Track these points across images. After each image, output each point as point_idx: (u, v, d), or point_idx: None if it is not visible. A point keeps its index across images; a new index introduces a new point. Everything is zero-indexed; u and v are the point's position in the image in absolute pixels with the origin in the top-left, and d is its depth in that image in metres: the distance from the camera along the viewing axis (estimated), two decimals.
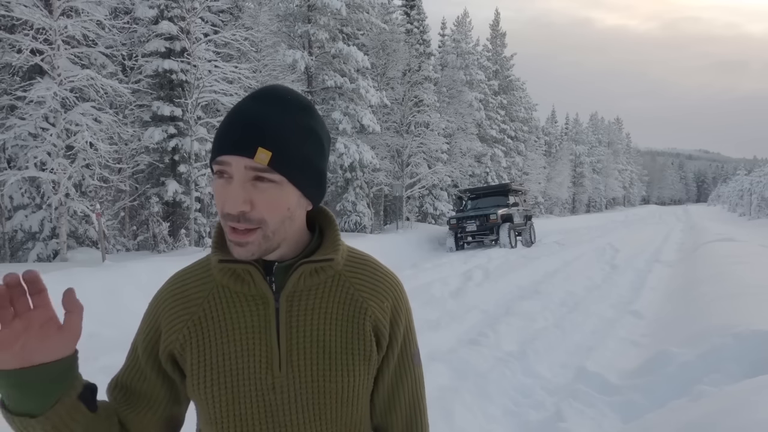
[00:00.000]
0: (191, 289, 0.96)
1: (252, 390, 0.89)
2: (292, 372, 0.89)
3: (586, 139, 65.69)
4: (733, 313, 5.25)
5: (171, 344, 0.94)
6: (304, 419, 0.90)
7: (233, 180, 0.84)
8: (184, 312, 0.94)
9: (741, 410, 2.73)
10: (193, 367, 0.92)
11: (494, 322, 6.68)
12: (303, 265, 0.92)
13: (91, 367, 5.90)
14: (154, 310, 0.98)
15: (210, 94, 14.42)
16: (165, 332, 0.95)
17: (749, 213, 36.03)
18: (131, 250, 14.81)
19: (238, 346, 0.90)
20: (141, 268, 8.72)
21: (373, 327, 0.95)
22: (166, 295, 0.97)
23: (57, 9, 11.15)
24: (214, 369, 0.90)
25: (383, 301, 0.97)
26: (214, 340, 0.91)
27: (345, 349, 0.92)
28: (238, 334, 0.91)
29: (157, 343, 0.96)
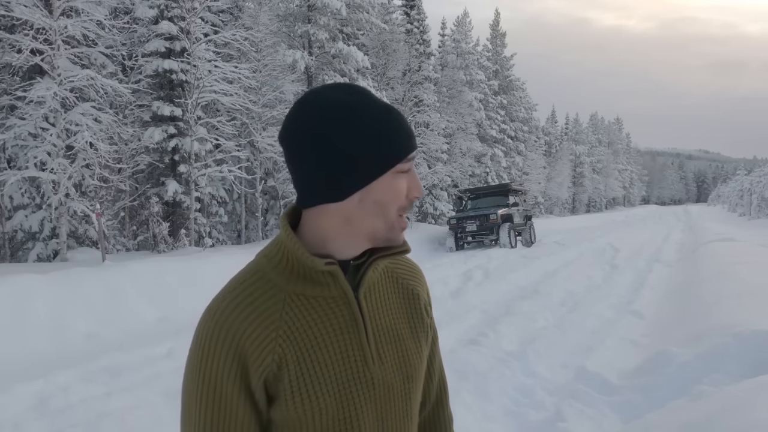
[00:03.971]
0: (262, 305, 0.88)
1: (356, 390, 0.90)
2: (383, 364, 0.93)
3: (586, 139, 65.69)
4: (733, 313, 5.25)
5: (266, 369, 0.86)
6: (397, 407, 0.95)
7: (412, 171, 0.92)
8: (268, 330, 0.87)
9: (741, 410, 2.73)
10: (293, 384, 0.87)
11: (494, 322, 6.69)
12: (378, 259, 0.95)
13: (92, 367, 5.90)
14: (229, 337, 0.86)
15: (210, 94, 14.42)
16: (255, 358, 0.86)
17: (749, 213, 36.03)
18: (131, 250, 14.81)
19: (333, 349, 0.89)
20: (141, 268, 8.72)
21: (424, 308, 1.04)
22: (239, 317, 0.87)
23: (57, 9, 11.15)
24: (318, 379, 0.88)
25: (423, 285, 1.07)
26: (308, 349, 0.88)
27: (412, 335, 0.99)
28: (329, 337, 0.90)
29: (247, 374, 0.86)
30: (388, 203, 0.89)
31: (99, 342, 6.61)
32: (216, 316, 0.88)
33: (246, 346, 0.86)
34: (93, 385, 4.82)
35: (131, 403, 4.30)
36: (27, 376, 5.00)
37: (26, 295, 6.84)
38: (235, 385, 0.86)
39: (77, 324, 6.87)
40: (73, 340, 6.56)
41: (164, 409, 4.11)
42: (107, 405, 4.30)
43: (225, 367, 0.86)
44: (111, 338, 6.74)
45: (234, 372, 0.86)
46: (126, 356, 5.67)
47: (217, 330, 0.87)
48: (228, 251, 12.56)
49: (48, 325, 6.64)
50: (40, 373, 5.06)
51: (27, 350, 6.10)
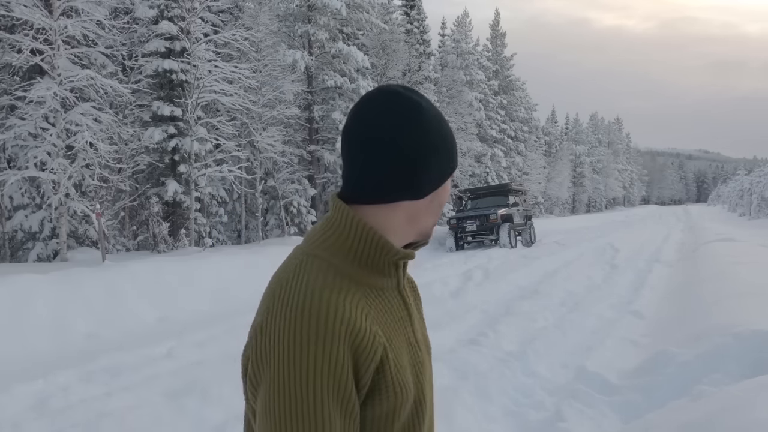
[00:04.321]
0: (354, 297, 0.87)
1: (421, 374, 0.96)
2: (420, 348, 0.99)
3: (586, 139, 65.70)
4: (733, 313, 5.25)
5: (375, 363, 0.85)
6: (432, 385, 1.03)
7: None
8: (367, 322, 0.86)
9: (741, 410, 2.73)
10: (393, 374, 0.87)
11: (494, 322, 6.69)
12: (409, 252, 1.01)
13: (92, 367, 5.90)
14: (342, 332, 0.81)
15: (210, 94, 14.41)
16: (368, 353, 0.84)
17: (749, 213, 36.03)
18: (131, 250, 14.80)
19: (403, 338, 0.95)
20: (141, 268, 8.72)
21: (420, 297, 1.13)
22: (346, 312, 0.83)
23: (57, 9, 11.15)
24: (404, 368, 0.91)
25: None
26: (393, 340, 0.91)
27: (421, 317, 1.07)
28: (397, 327, 0.94)
29: (357, 370, 0.83)
30: (443, 204, 0.98)
31: (99, 342, 6.61)
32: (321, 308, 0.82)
33: (359, 340, 0.82)
34: (93, 385, 4.82)
35: (131, 403, 4.30)
36: (27, 376, 5.00)
37: (26, 295, 6.84)
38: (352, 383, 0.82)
39: (77, 324, 6.87)
40: (73, 340, 6.56)
41: (164, 409, 4.12)
42: (107, 405, 4.29)
43: (345, 363, 0.81)
44: (111, 338, 6.74)
45: (349, 366, 0.81)
46: (126, 356, 5.67)
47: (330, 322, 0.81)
48: (228, 251, 12.56)
49: (48, 325, 6.64)
50: (40, 373, 5.06)
51: (27, 350, 6.10)
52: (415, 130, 0.90)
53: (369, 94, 0.93)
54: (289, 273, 0.88)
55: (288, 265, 0.91)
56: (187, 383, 4.67)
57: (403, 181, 0.90)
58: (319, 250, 0.91)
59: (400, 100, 0.91)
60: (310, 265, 0.88)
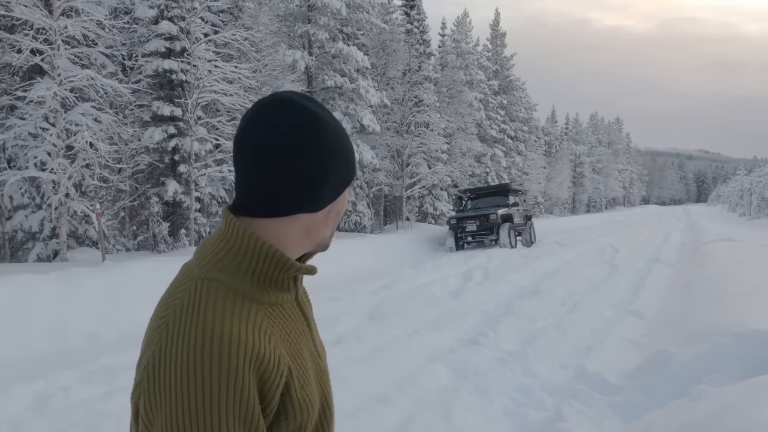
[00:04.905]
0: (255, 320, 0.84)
1: (324, 382, 0.98)
2: (321, 354, 1.01)
3: (586, 139, 65.69)
4: (733, 313, 5.25)
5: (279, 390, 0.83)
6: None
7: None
8: (271, 345, 0.83)
9: (741, 410, 2.73)
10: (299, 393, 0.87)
11: (494, 322, 6.69)
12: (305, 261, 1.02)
13: (92, 367, 5.89)
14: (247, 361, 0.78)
15: (210, 94, 14.41)
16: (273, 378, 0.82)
17: (749, 213, 36.03)
18: (131, 250, 14.80)
19: (304, 351, 0.94)
20: (141, 268, 8.72)
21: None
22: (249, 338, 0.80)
23: (57, 9, 11.15)
24: (309, 382, 0.91)
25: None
26: (295, 356, 0.89)
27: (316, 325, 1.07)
28: (298, 340, 0.93)
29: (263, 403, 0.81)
30: (341, 213, 0.96)
31: (99, 342, 6.61)
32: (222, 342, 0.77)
33: (264, 368, 0.79)
34: (93, 385, 4.82)
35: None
36: (27, 376, 5.00)
37: (26, 295, 6.84)
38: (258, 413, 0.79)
39: (77, 324, 6.87)
40: (73, 340, 6.56)
41: None
42: (107, 405, 4.29)
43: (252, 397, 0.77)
44: (111, 338, 6.73)
45: (256, 399, 0.78)
46: (126, 356, 5.65)
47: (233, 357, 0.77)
48: None
49: (48, 325, 6.64)
50: (40, 373, 5.06)
51: (27, 350, 6.10)
52: (312, 141, 0.86)
53: (262, 101, 0.89)
54: (184, 301, 0.82)
55: (180, 291, 0.85)
56: None
57: (301, 193, 0.87)
58: (213, 272, 0.85)
59: (296, 108, 0.87)
60: (206, 290, 0.83)
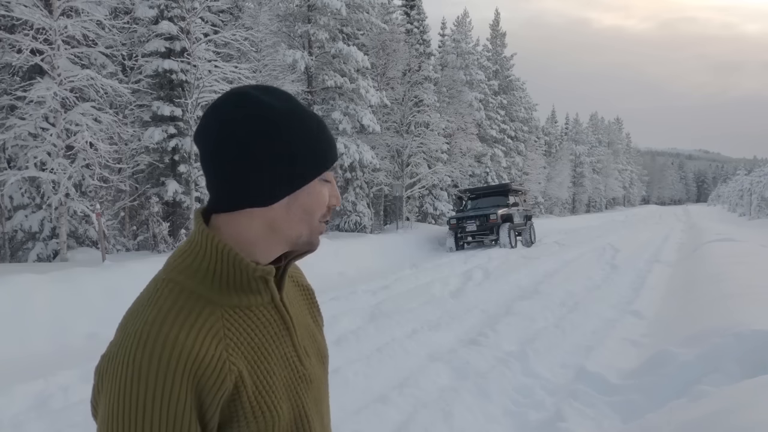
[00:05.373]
0: (204, 323, 0.82)
1: (301, 389, 0.94)
2: (310, 360, 0.97)
3: (586, 139, 65.69)
4: (733, 313, 5.24)
5: (225, 392, 0.81)
6: (325, 396, 1.02)
7: (332, 182, 0.94)
8: (218, 350, 0.81)
9: (741, 410, 2.73)
10: (252, 400, 0.84)
11: (494, 322, 6.69)
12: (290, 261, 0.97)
13: (92, 367, 5.87)
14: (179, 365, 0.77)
15: (210, 94, 14.40)
16: (213, 382, 0.80)
17: (749, 213, 36.03)
18: (131, 250, 14.80)
19: (276, 356, 0.90)
20: (141, 268, 8.71)
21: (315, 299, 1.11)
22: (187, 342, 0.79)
23: (57, 9, 11.15)
24: (271, 388, 0.87)
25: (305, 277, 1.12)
26: (257, 361, 0.87)
27: (317, 326, 1.06)
28: (270, 345, 0.90)
29: (201, 404, 0.79)
30: (314, 210, 0.90)
31: (99, 342, 6.59)
32: (160, 339, 0.77)
33: (201, 371, 0.78)
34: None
35: None
36: (27, 376, 5.00)
37: (26, 295, 6.84)
38: (191, 418, 0.78)
39: (77, 324, 6.87)
40: (73, 340, 6.56)
41: None
42: None
43: (185, 400, 0.77)
44: (111, 338, 6.73)
45: (190, 402, 0.77)
46: None
47: (166, 354, 0.76)
48: None
49: (48, 325, 6.64)
50: (40, 373, 5.06)
51: (27, 350, 6.10)
52: (256, 131, 0.84)
53: (218, 97, 0.89)
54: (142, 303, 0.84)
55: (143, 294, 0.87)
56: None
57: (242, 186, 0.85)
58: (174, 273, 0.86)
59: (246, 100, 0.85)
60: (162, 291, 0.84)
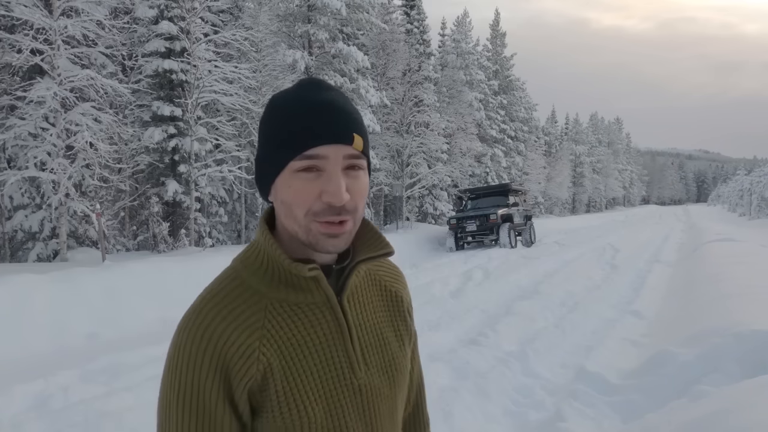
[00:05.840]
0: (244, 312, 0.84)
1: (344, 397, 0.88)
2: (369, 370, 0.91)
3: (586, 139, 65.69)
4: (733, 313, 5.24)
5: (251, 379, 0.82)
6: (384, 412, 0.93)
7: (328, 172, 0.82)
8: (252, 339, 0.83)
9: (741, 410, 2.73)
10: (280, 393, 0.83)
11: (494, 322, 6.69)
12: (360, 263, 0.92)
13: (92, 367, 5.89)
14: (211, 346, 0.82)
15: (210, 94, 14.41)
16: (238, 369, 0.82)
17: (749, 213, 36.03)
18: (131, 250, 14.81)
19: (319, 357, 0.87)
20: (141, 268, 8.72)
21: (407, 311, 1.03)
22: (220, 326, 0.83)
23: (57, 9, 11.15)
24: (303, 388, 0.85)
25: (405, 287, 1.05)
26: (294, 358, 0.85)
27: (397, 338, 0.97)
28: (314, 345, 0.87)
29: (230, 386, 0.82)
30: (292, 204, 0.83)
31: (99, 342, 6.61)
32: (196, 325, 0.83)
33: (228, 356, 0.81)
34: (93, 385, 4.82)
35: (131, 403, 4.30)
36: (27, 376, 5.00)
37: (26, 295, 6.84)
38: (218, 398, 0.81)
39: (77, 324, 6.87)
40: (73, 340, 6.56)
41: None
42: (107, 405, 4.29)
43: (207, 379, 0.81)
44: (111, 338, 6.74)
45: (217, 383, 0.81)
46: (126, 356, 5.67)
47: (198, 339, 0.82)
48: (228, 251, 12.56)
49: (48, 325, 6.64)
50: (40, 373, 5.06)
51: (27, 350, 6.10)
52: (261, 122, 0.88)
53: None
54: (208, 285, 0.90)
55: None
56: None
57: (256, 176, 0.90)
58: (237, 262, 0.90)
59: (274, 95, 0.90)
60: (222, 277, 0.89)
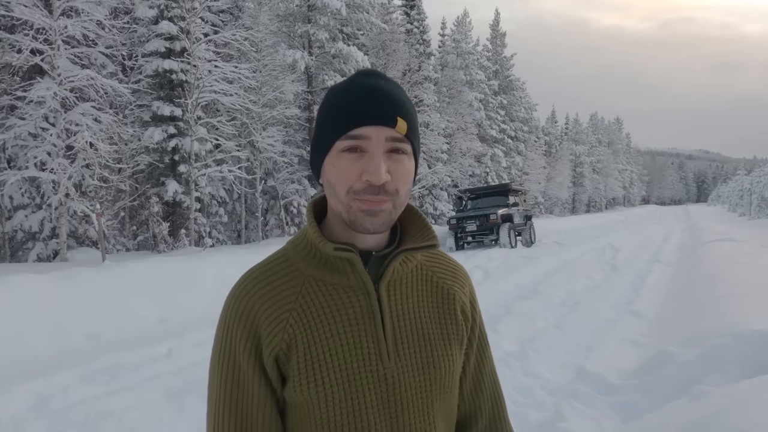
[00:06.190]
0: (281, 285, 0.91)
1: (366, 383, 0.88)
2: (401, 361, 0.90)
3: (586, 139, 65.69)
4: (733, 313, 5.24)
5: (276, 347, 0.87)
6: (414, 407, 0.91)
7: (370, 153, 0.85)
8: (282, 310, 0.89)
9: (741, 410, 2.73)
10: (301, 366, 0.87)
11: (494, 322, 6.68)
12: (403, 252, 0.93)
13: (92, 367, 5.89)
14: (245, 312, 0.89)
15: (210, 94, 14.41)
16: (267, 335, 0.88)
17: (749, 213, 36.03)
18: (131, 250, 14.81)
19: (345, 339, 0.88)
20: (141, 268, 8.72)
21: (461, 311, 1.00)
22: (255, 294, 0.90)
23: (57, 9, 11.15)
24: (325, 365, 0.87)
25: (464, 286, 1.04)
26: (320, 335, 0.88)
27: (441, 335, 0.95)
28: (342, 326, 0.88)
29: (260, 351, 0.88)
30: (336, 184, 0.87)
31: (99, 342, 6.61)
32: (237, 294, 0.91)
33: (259, 324, 0.88)
34: (93, 385, 4.82)
35: (131, 403, 4.29)
36: (27, 376, 5.00)
37: (26, 295, 6.84)
38: (249, 361, 0.88)
39: (77, 324, 6.87)
40: (73, 340, 6.56)
41: (164, 409, 4.11)
42: (107, 405, 4.29)
43: (240, 342, 0.89)
44: (111, 338, 6.73)
45: (249, 348, 0.88)
46: (126, 356, 5.67)
47: (236, 307, 0.90)
48: (228, 251, 12.56)
49: (48, 325, 6.64)
50: (40, 373, 5.06)
51: (27, 350, 6.10)
52: (318, 108, 0.93)
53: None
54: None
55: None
56: (187, 383, 4.67)
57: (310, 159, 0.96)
58: (289, 242, 0.97)
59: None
60: (271, 256, 0.96)
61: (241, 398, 0.89)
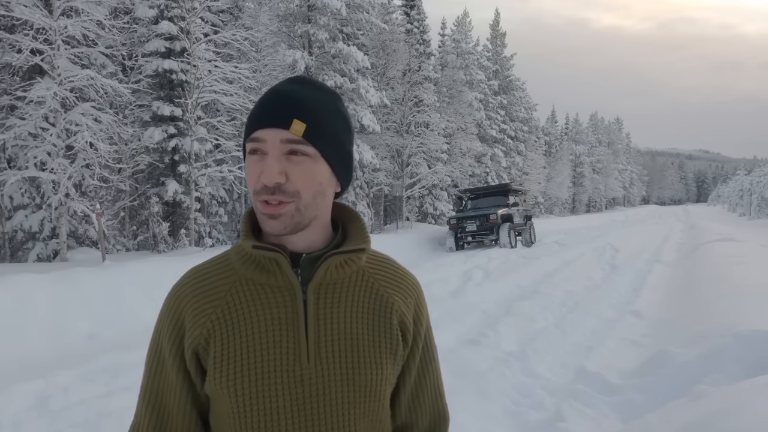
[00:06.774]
0: (213, 282, 0.94)
1: (279, 382, 0.87)
2: (321, 364, 0.89)
3: (586, 139, 65.69)
4: (733, 313, 5.24)
5: (196, 339, 0.90)
6: (333, 413, 0.89)
7: (268, 155, 0.86)
8: (207, 305, 0.91)
9: (741, 410, 2.73)
10: (217, 360, 0.89)
11: (494, 322, 6.68)
12: (332, 256, 0.92)
13: (92, 367, 5.88)
14: (175, 306, 0.94)
15: (210, 94, 14.41)
16: (190, 327, 0.91)
17: (749, 213, 36.04)
18: (131, 250, 14.80)
19: (265, 337, 0.88)
20: (141, 268, 8.71)
21: (399, 322, 0.96)
22: (186, 290, 0.94)
23: (57, 9, 11.15)
24: (240, 361, 0.88)
25: (407, 297, 0.99)
26: (239, 332, 0.89)
27: (372, 343, 0.92)
28: (264, 325, 0.89)
29: (182, 344, 0.92)
30: (250, 186, 0.89)
31: (99, 342, 6.61)
32: (173, 290, 0.96)
33: (185, 318, 0.92)
34: (93, 385, 4.82)
35: (131, 403, 4.27)
36: (27, 376, 4.99)
37: (26, 295, 6.84)
38: (171, 353, 0.93)
39: (77, 324, 6.87)
40: (73, 340, 6.55)
41: None
42: (107, 405, 4.29)
43: (167, 335, 0.94)
44: (111, 338, 6.73)
45: (173, 340, 0.93)
46: (126, 356, 5.66)
47: (168, 301, 0.96)
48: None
49: (48, 325, 6.64)
50: (40, 373, 5.06)
51: (27, 350, 6.10)
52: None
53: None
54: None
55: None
56: None
57: None
58: (235, 244, 0.99)
59: None
60: (213, 257, 1.00)
61: (161, 389, 0.95)
